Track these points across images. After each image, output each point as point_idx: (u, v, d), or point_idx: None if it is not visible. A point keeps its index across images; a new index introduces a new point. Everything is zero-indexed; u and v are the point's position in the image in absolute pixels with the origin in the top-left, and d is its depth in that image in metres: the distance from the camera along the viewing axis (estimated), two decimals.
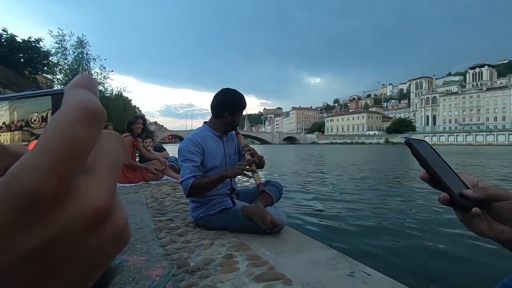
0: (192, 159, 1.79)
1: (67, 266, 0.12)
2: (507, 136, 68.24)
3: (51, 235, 0.11)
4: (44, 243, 0.11)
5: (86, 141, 0.12)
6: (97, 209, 0.12)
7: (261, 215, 1.68)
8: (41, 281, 0.12)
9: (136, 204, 2.63)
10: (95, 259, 0.13)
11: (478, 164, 12.06)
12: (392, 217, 3.38)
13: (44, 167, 0.11)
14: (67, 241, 0.12)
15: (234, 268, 1.28)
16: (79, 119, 0.12)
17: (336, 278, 1.21)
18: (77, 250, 0.12)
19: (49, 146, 0.12)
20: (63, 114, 0.13)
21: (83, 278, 0.13)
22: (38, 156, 0.11)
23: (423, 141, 0.50)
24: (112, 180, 0.14)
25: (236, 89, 1.95)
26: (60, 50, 23.65)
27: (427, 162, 0.46)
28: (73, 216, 0.12)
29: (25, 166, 0.11)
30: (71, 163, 0.12)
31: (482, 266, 1.97)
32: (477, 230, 0.46)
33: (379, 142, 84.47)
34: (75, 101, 0.13)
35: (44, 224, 0.11)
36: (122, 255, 1.45)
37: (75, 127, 0.12)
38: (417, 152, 0.46)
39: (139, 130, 3.80)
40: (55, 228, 0.11)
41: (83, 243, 0.12)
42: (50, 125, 0.12)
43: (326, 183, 6.20)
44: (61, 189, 0.11)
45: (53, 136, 0.12)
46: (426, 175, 0.47)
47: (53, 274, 0.12)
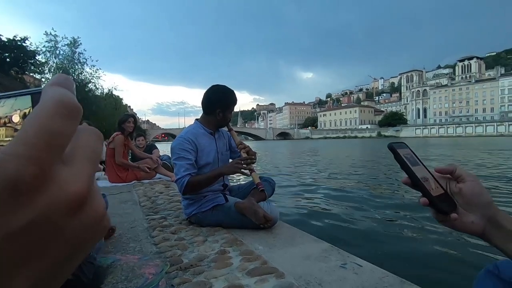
0: (186, 157, 1.78)
1: (49, 248, 0.13)
2: (496, 127, 69.69)
3: (33, 217, 0.12)
4: (27, 224, 0.12)
5: (63, 132, 0.13)
6: (75, 195, 0.13)
7: (254, 210, 1.69)
8: (26, 261, 0.13)
9: (129, 203, 2.62)
10: (76, 243, 0.14)
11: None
12: (382, 209, 3.43)
13: (24, 156, 0.12)
14: (47, 223, 0.13)
15: (227, 263, 1.29)
16: (56, 112, 0.13)
17: (328, 270, 1.23)
18: (57, 232, 0.13)
19: (28, 137, 0.13)
20: (41, 108, 0.14)
21: (66, 262, 0.14)
22: (18, 146, 0.12)
23: (404, 144, 0.52)
24: (89, 169, 0.15)
25: (227, 85, 1.94)
26: (51, 50, 23.12)
27: (408, 167, 0.49)
28: (52, 200, 0.13)
29: (6, 155, 0.12)
30: (49, 152, 0.13)
31: (469, 253, 2.02)
32: (449, 225, 0.49)
33: (372, 136, 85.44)
34: (52, 96, 0.14)
35: (25, 208, 0.12)
36: (115, 254, 1.45)
37: (52, 120, 0.13)
38: (399, 158, 0.49)
39: (130, 128, 3.76)
40: (36, 211, 0.12)
41: (63, 226, 0.13)
42: (29, 118, 0.13)
43: (319, 178, 6.25)
44: (41, 176, 0.12)
45: (32, 128, 0.13)
46: (407, 180, 0.49)
47: (37, 255, 0.13)
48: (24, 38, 20.35)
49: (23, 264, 0.13)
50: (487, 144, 21.61)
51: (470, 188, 0.48)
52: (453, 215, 0.47)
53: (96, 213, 0.15)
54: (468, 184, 0.49)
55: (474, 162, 8.79)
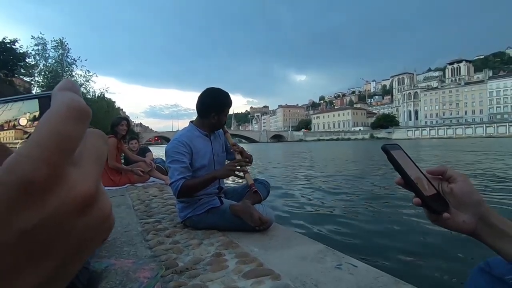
0: (181, 160, 1.77)
1: (58, 246, 0.14)
2: (485, 128, 71.09)
3: (45, 216, 0.13)
4: (38, 222, 0.13)
5: (74, 135, 0.14)
6: (85, 194, 0.14)
7: (249, 212, 1.69)
8: (36, 258, 0.13)
9: (122, 207, 2.59)
10: (83, 241, 0.15)
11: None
12: (376, 210, 3.47)
13: (37, 158, 0.13)
14: (58, 221, 0.13)
15: (223, 266, 1.29)
16: (68, 116, 0.14)
17: (323, 271, 1.23)
18: (67, 230, 0.14)
19: (41, 140, 0.13)
20: (53, 111, 0.14)
21: (72, 260, 0.15)
22: (32, 148, 0.13)
23: (397, 146, 0.53)
24: (96, 170, 0.16)
25: (221, 88, 1.94)
26: (40, 52, 22.75)
27: (401, 168, 0.50)
28: (63, 200, 0.13)
29: (21, 156, 0.13)
30: (61, 154, 0.13)
31: (461, 252, 2.06)
32: (442, 224, 0.50)
33: (364, 138, 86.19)
34: (64, 100, 0.15)
35: (38, 206, 0.13)
36: (109, 258, 1.43)
37: (64, 123, 0.14)
38: (393, 158, 0.50)
39: (123, 131, 3.73)
40: (48, 210, 0.13)
41: (72, 224, 0.14)
42: (42, 121, 0.14)
43: (313, 179, 6.27)
44: (52, 176, 0.13)
45: (45, 131, 0.13)
46: (401, 181, 0.51)
47: (45, 253, 0.13)
48: (13, 40, 19.98)
49: (33, 261, 0.13)
50: (483, 146, 21.97)
51: (460, 188, 0.50)
52: (445, 214, 0.48)
53: (103, 212, 0.15)
54: (459, 184, 0.50)
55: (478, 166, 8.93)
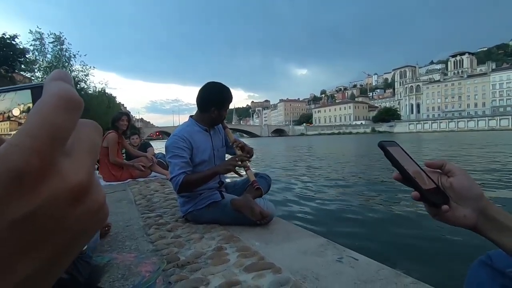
0: (181, 155, 1.77)
1: (51, 236, 0.14)
2: (487, 121, 70.72)
3: (36, 207, 0.13)
4: (30, 213, 0.13)
5: (65, 125, 0.14)
6: (77, 184, 0.14)
7: (250, 207, 1.69)
8: (29, 249, 0.13)
9: (124, 201, 2.60)
10: (76, 232, 0.15)
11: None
12: (377, 204, 3.47)
13: (28, 147, 0.13)
14: (50, 212, 0.13)
15: (224, 260, 1.29)
16: (59, 106, 0.14)
17: (324, 265, 1.24)
18: (59, 221, 0.14)
19: (32, 130, 0.13)
20: (45, 101, 0.14)
21: (65, 252, 0.14)
22: (23, 138, 0.13)
23: (394, 142, 0.53)
24: (89, 161, 0.15)
25: (222, 82, 1.93)
26: (38, 48, 22.61)
27: (399, 163, 0.50)
28: (55, 190, 0.13)
29: (11, 146, 0.13)
30: (52, 144, 0.13)
31: (462, 245, 2.06)
32: (442, 219, 0.49)
33: (366, 131, 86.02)
34: (55, 90, 0.14)
35: (29, 197, 0.13)
36: (111, 253, 1.44)
37: (56, 113, 0.14)
38: (390, 155, 0.50)
39: (124, 127, 3.73)
40: (39, 200, 0.13)
41: (65, 214, 0.14)
42: (33, 111, 0.14)
43: (314, 173, 6.28)
44: (44, 167, 0.13)
45: (36, 121, 0.13)
46: (399, 176, 0.50)
47: (37, 244, 0.13)
48: (13, 36, 19.92)
49: (25, 252, 0.13)
50: (489, 138, 21.87)
51: (460, 181, 0.49)
52: (444, 206, 0.47)
53: (96, 203, 0.15)
54: (458, 177, 0.49)
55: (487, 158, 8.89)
